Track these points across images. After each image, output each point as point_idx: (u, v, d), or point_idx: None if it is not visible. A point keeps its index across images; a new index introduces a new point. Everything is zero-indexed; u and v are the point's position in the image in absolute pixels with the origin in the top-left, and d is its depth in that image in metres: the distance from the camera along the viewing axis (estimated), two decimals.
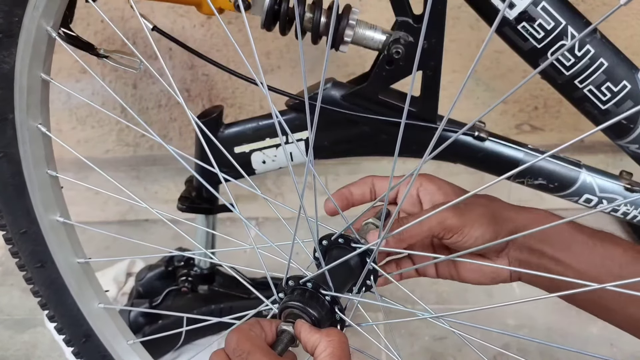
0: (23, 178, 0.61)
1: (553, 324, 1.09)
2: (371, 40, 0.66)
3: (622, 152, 0.74)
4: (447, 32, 0.65)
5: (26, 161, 0.61)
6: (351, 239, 0.52)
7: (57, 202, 0.65)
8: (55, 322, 0.72)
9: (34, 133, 0.60)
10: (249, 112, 1.30)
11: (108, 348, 0.73)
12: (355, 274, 0.52)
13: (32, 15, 0.53)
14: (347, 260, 0.51)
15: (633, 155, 0.72)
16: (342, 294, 0.51)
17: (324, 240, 0.53)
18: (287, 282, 0.51)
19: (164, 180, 1.34)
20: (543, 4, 0.64)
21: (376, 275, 0.53)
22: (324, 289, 0.50)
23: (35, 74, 0.58)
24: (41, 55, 0.57)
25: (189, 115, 0.55)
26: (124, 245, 1.28)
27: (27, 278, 0.68)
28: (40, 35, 0.55)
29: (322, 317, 0.48)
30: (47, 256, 0.66)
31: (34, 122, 0.60)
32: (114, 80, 1.26)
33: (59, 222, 0.65)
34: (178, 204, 0.89)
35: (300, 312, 0.48)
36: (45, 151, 0.62)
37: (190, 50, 0.72)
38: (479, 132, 0.74)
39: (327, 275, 0.50)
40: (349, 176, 1.28)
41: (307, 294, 0.49)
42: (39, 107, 0.60)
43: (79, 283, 0.69)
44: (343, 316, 0.50)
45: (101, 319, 0.72)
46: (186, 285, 1.02)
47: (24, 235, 0.65)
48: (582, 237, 0.52)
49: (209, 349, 1.02)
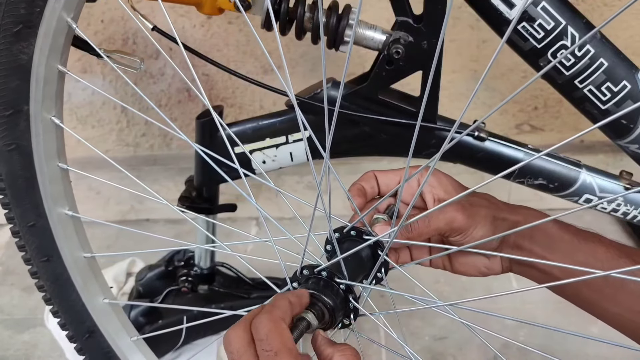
0: (34, 171, 0.61)
1: (553, 323, 1.09)
2: (371, 40, 0.66)
3: (622, 152, 0.74)
4: (447, 32, 0.65)
5: (38, 153, 0.61)
6: (363, 231, 0.53)
7: (66, 195, 0.65)
8: (59, 317, 0.71)
9: (47, 125, 0.60)
10: (249, 112, 1.30)
11: (111, 344, 0.73)
12: (366, 266, 0.53)
13: (54, 6, 0.53)
14: (359, 251, 0.52)
15: (633, 155, 0.72)
16: (356, 283, 0.52)
17: (336, 233, 0.54)
18: (301, 272, 0.52)
19: (164, 180, 1.35)
20: (543, 4, 0.64)
21: (387, 268, 0.54)
22: (338, 277, 0.51)
23: (53, 66, 0.57)
24: (60, 47, 0.57)
25: (210, 109, 0.55)
26: (126, 244, 1.28)
27: (33, 272, 0.68)
28: (60, 26, 0.55)
29: (336, 305, 0.49)
30: (53, 250, 0.66)
31: (48, 114, 0.60)
32: (114, 80, 1.26)
33: (68, 215, 0.65)
34: (178, 203, 0.90)
35: (316, 300, 0.49)
36: (58, 144, 0.62)
37: (190, 50, 0.72)
38: (479, 132, 0.74)
39: (342, 264, 0.51)
40: (349, 176, 1.27)
41: (322, 283, 0.50)
42: (54, 99, 0.60)
43: (85, 278, 0.69)
44: (357, 304, 0.51)
45: (105, 314, 0.72)
46: (186, 285, 1.02)
47: (32, 229, 0.64)
48: (567, 236, 0.54)
49: (208, 348, 1.03)
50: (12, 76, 0.56)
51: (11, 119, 0.58)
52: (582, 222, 0.55)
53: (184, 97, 1.29)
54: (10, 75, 0.56)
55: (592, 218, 1.23)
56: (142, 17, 0.67)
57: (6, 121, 0.58)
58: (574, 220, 0.55)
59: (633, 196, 0.77)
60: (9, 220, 0.65)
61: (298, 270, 0.52)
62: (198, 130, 0.81)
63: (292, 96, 0.47)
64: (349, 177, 0.60)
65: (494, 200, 0.57)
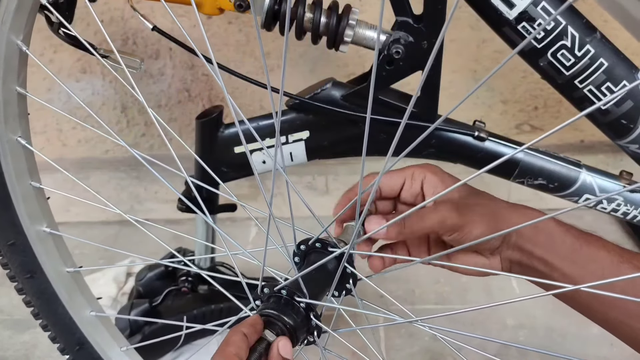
0: (7, 190, 0.62)
1: (553, 323, 1.09)
2: (371, 40, 0.66)
3: (622, 152, 0.74)
4: (447, 32, 0.65)
5: (8, 174, 0.61)
6: (328, 243, 0.52)
7: (42, 212, 0.65)
8: (48, 330, 0.72)
9: (14, 146, 0.60)
10: (249, 112, 1.30)
11: (102, 355, 0.73)
12: (334, 279, 0.52)
13: (1, 29, 0.53)
14: (324, 265, 0.51)
15: (633, 155, 0.72)
16: (318, 301, 0.50)
17: (302, 245, 0.52)
18: (262, 290, 0.50)
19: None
20: (543, 4, 0.64)
21: (355, 279, 0.52)
22: (298, 295, 0.49)
23: (11, 88, 0.58)
24: (14, 69, 0.57)
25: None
26: (124, 247, 1.28)
27: (19, 289, 0.69)
28: (11, 49, 0.55)
29: (297, 325, 0.48)
30: (36, 266, 0.66)
31: (13, 135, 0.60)
32: (114, 80, 1.26)
33: (46, 232, 0.66)
34: (178, 204, 0.89)
35: (276, 320, 0.47)
36: (28, 163, 0.63)
37: (190, 51, 0.72)
38: (479, 132, 0.74)
39: (301, 282, 0.50)
40: (349, 176, 1.28)
41: (282, 301, 0.49)
42: (17, 120, 0.60)
43: (69, 292, 0.69)
44: (319, 323, 0.50)
45: (93, 326, 0.72)
46: (186, 285, 1.02)
47: (12, 247, 0.65)
48: (570, 239, 0.53)
49: (206, 347, 1.03)
50: None
51: None
52: (582, 222, 0.54)
53: (184, 97, 1.29)
54: None
55: (592, 218, 1.23)
56: (142, 17, 0.67)
57: None
58: (574, 221, 0.55)
59: (633, 196, 0.77)
60: None
61: (259, 288, 0.50)
62: (198, 131, 0.81)
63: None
64: (349, 177, 0.60)
65: (495, 199, 0.56)
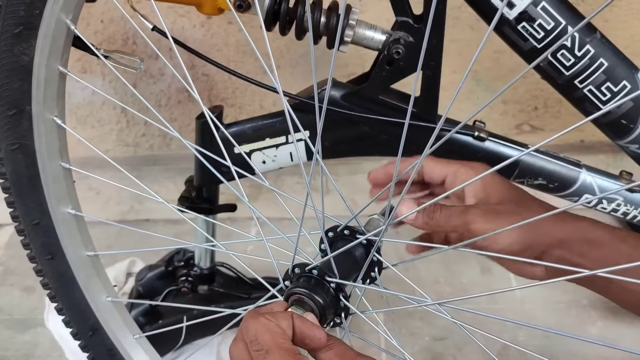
0: (37, 170, 0.62)
1: (553, 324, 1.09)
2: (371, 41, 0.66)
3: (622, 152, 0.74)
4: (447, 32, 0.65)
5: (41, 153, 0.62)
6: (356, 230, 0.53)
7: (69, 194, 0.66)
8: (63, 314, 0.72)
9: (49, 125, 0.61)
10: (249, 112, 1.30)
11: (114, 342, 0.73)
12: (360, 265, 0.53)
13: (53, 8, 0.54)
14: (351, 251, 0.52)
15: (633, 155, 0.73)
16: (347, 282, 0.52)
17: (330, 232, 0.54)
18: (293, 270, 0.52)
19: (164, 181, 1.35)
20: (543, 4, 0.64)
21: (380, 267, 0.53)
22: (329, 276, 0.51)
23: (53, 67, 0.58)
24: (60, 48, 0.58)
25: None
26: (126, 244, 1.28)
27: (37, 270, 0.69)
28: (59, 27, 0.56)
29: (327, 304, 0.49)
30: (57, 248, 0.67)
31: (50, 114, 0.61)
32: (114, 80, 1.26)
33: (71, 214, 0.66)
34: (178, 204, 0.89)
35: (306, 298, 0.49)
36: (60, 143, 0.63)
37: (190, 50, 0.72)
38: (479, 132, 0.74)
39: (332, 262, 0.51)
40: (349, 176, 1.28)
41: (313, 281, 0.50)
42: (55, 100, 0.61)
43: (88, 276, 0.70)
44: (347, 303, 0.51)
45: (108, 312, 0.72)
46: (186, 285, 1.02)
47: (36, 227, 0.65)
48: (626, 249, 0.50)
49: (208, 348, 1.03)
50: (14, 77, 0.57)
51: (14, 118, 0.59)
52: None
53: (184, 97, 1.29)
54: (13, 76, 0.57)
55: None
56: (141, 17, 0.67)
57: (10, 121, 0.59)
58: None
59: (633, 196, 0.77)
60: (14, 218, 0.66)
61: (290, 269, 0.52)
62: (198, 131, 0.81)
63: (283, 97, 0.47)
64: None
65: (542, 209, 0.53)
